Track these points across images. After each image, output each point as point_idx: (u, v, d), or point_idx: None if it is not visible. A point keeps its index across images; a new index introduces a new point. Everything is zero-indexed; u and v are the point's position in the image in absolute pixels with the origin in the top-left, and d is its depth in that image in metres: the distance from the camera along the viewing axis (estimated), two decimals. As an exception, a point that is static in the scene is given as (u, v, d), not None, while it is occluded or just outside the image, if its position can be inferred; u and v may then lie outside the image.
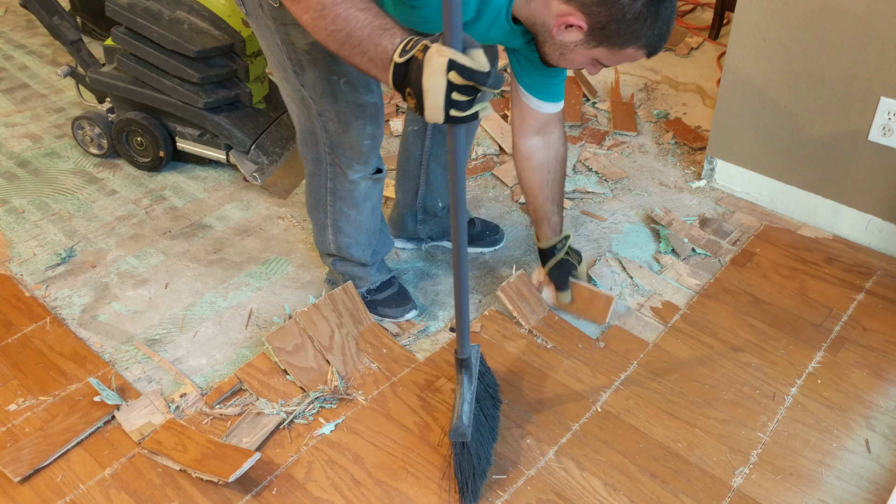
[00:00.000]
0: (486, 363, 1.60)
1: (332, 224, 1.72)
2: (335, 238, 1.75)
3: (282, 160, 2.35)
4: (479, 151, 2.44)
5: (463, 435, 1.37)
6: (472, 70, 1.03)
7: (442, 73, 1.04)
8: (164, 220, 2.17)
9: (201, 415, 1.60)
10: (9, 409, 1.61)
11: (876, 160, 1.95)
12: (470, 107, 1.07)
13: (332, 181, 1.64)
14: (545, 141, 1.67)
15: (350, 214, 1.69)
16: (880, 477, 1.48)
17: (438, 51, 1.05)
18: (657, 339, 1.78)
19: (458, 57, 1.03)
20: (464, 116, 1.08)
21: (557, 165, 1.70)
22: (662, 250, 2.04)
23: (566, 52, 1.35)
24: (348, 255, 1.77)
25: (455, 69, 1.03)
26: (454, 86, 1.05)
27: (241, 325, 1.83)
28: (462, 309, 1.36)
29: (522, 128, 1.65)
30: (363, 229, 1.73)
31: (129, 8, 2.16)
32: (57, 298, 1.90)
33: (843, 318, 1.83)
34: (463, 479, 1.41)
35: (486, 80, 1.04)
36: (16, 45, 3.15)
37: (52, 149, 2.48)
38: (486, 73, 1.04)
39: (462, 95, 1.05)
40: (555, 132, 1.67)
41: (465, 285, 1.33)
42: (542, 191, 1.71)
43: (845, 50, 1.88)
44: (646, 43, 1.30)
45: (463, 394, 1.43)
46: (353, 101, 1.49)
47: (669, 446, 1.54)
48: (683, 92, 2.82)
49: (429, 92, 1.06)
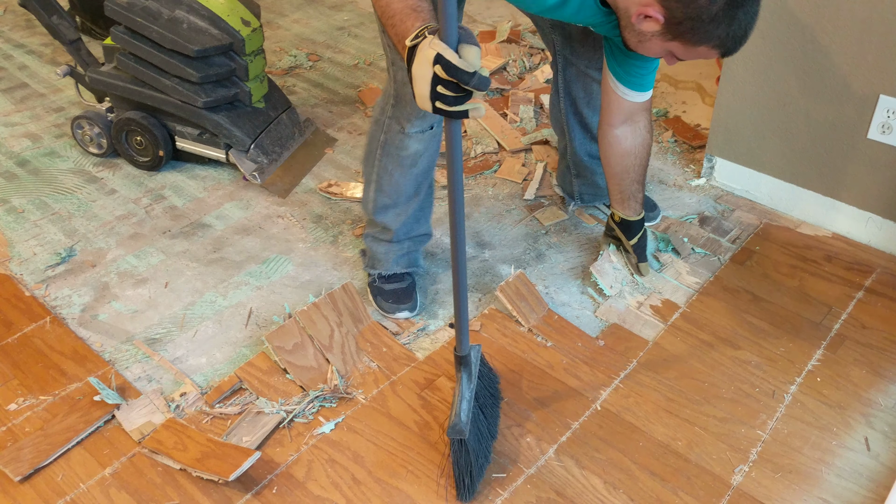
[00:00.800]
0: (488, 362, 1.61)
1: (375, 180, 1.77)
2: (375, 196, 1.79)
3: (281, 159, 2.35)
4: (479, 150, 2.44)
5: (460, 432, 1.37)
6: (456, 67, 1.05)
7: (428, 64, 1.07)
8: (163, 220, 2.17)
9: (201, 414, 1.60)
10: (9, 408, 1.61)
11: (875, 158, 1.95)
12: (457, 103, 1.09)
13: (386, 134, 1.69)
14: (632, 129, 1.74)
15: (394, 174, 1.73)
16: (880, 474, 1.49)
17: (431, 43, 1.07)
18: (657, 338, 1.78)
19: (445, 52, 1.05)
20: (450, 111, 1.09)
21: (643, 151, 1.78)
22: (662, 249, 2.04)
23: (643, 40, 1.42)
24: (382, 220, 1.81)
25: (440, 63, 1.05)
26: (440, 79, 1.07)
27: (241, 324, 1.83)
28: (461, 306, 1.37)
29: (610, 116, 1.72)
30: (402, 193, 1.76)
31: (129, 7, 2.16)
32: (57, 298, 1.90)
33: (842, 316, 1.83)
34: (460, 475, 1.41)
35: (470, 79, 1.05)
36: (15, 45, 3.15)
37: (51, 148, 2.48)
38: (469, 73, 1.05)
39: (447, 90, 1.07)
40: (642, 121, 1.74)
41: (463, 282, 1.34)
42: (627, 174, 1.80)
43: (844, 48, 1.88)
44: (720, 44, 1.36)
45: (462, 391, 1.43)
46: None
47: (669, 444, 1.54)
48: (683, 90, 2.81)
49: (416, 80, 1.10)
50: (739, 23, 1.33)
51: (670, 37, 1.37)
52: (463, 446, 1.38)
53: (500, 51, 2.98)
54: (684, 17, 1.32)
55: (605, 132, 1.75)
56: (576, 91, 1.94)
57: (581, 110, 1.96)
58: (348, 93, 2.83)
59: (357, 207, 2.22)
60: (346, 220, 2.17)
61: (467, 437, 1.38)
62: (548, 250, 2.05)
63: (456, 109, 1.09)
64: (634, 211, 1.87)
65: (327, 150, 2.49)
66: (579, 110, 1.97)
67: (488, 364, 1.61)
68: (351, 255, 2.04)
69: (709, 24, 1.32)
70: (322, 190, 2.28)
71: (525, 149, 2.45)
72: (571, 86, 1.94)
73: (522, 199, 2.25)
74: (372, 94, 2.79)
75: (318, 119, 2.65)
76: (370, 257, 1.89)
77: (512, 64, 2.93)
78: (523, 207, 2.22)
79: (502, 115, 2.63)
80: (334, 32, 3.32)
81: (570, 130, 2.02)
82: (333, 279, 1.96)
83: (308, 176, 2.36)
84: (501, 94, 2.77)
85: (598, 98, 1.89)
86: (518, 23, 3.28)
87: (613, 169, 1.80)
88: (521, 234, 2.12)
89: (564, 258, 2.03)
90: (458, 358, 1.43)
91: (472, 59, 1.06)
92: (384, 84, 1.70)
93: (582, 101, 1.95)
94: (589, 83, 1.91)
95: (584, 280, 1.95)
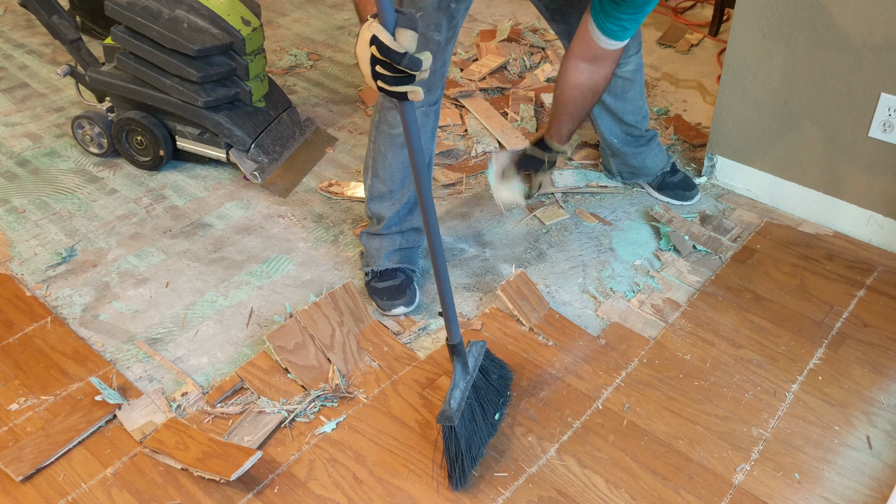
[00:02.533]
0: (498, 359, 1.63)
1: (371, 166, 1.81)
2: (371, 184, 1.83)
3: (282, 159, 2.35)
4: (479, 149, 2.44)
5: (450, 419, 1.39)
6: (388, 48, 1.13)
7: (365, 45, 1.16)
8: (164, 219, 2.17)
9: (203, 413, 1.60)
10: (10, 408, 1.61)
11: (876, 156, 1.95)
12: (395, 83, 1.17)
13: (381, 112, 1.73)
14: (592, 69, 1.73)
15: (386, 155, 1.76)
16: (882, 473, 1.49)
17: (369, 25, 1.15)
18: (658, 337, 1.78)
19: (380, 33, 1.14)
20: (390, 91, 1.18)
21: (590, 94, 1.78)
22: (663, 248, 2.04)
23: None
24: (377, 210, 1.84)
25: (375, 44, 1.14)
26: (377, 59, 1.16)
27: (242, 323, 1.83)
28: (445, 293, 1.39)
29: (578, 48, 1.73)
30: (396, 179, 1.79)
31: (129, 7, 2.16)
32: (58, 298, 1.90)
33: (844, 315, 1.83)
34: (450, 463, 1.43)
35: (400, 59, 1.14)
36: (15, 45, 3.15)
37: (52, 148, 2.48)
38: (399, 54, 1.14)
39: (384, 70, 1.16)
40: (605, 68, 1.73)
41: (443, 268, 1.39)
42: (565, 107, 1.80)
43: (845, 46, 1.88)
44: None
45: (456, 380, 1.46)
46: (422, 34, 1.60)
47: (671, 443, 1.54)
48: (684, 89, 2.81)
49: (359, 60, 1.20)
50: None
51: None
52: (453, 433, 1.40)
53: (501, 49, 2.97)
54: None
55: (568, 59, 1.75)
56: None
57: (602, 98, 2.02)
58: (349, 92, 2.83)
59: (358, 207, 2.22)
60: (347, 220, 2.17)
61: (457, 425, 1.40)
62: (549, 249, 2.05)
63: (395, 90, 1.17)
64: (557, 139, 1.86)
65: (328, 150, 2.49)
66: (601, 98, 2.00)
67: (499, 360, 1.63)
68: (352, 254, 2.04)
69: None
70: (323, 189, 2.28)
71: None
72: None
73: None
74: (372, 93, 2.78)
75: (319, 118, 2.65)
76: (364, 256, 1.91)
77: (512, 63, 2.93)
78: (524, 206, 2.21)
79: (503, 113, 2.63)
80: (334, 31, 3.32)
81: (597, 117, 2.11)
82: (334, 278, 1.96)
83: (309, 175, 2.36)
84: (502, 93, 2.77)
85: (615, 85, 1.98)
86: (518, 21, 3.28)
87: (559, 95, 1.81)
88: (522, 233, 2.11)
89: (565, 257, 2.03)
90: (451, 347, 1.45)
91: (404, 42, 1.14)
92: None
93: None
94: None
95: (584, 279, 1.95)
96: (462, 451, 1.42)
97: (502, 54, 2.95)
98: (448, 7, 1.63)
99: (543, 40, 3.14)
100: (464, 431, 1.43)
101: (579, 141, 2.46)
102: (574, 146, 2.20)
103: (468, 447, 1.44)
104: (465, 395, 1.45)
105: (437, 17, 1.62)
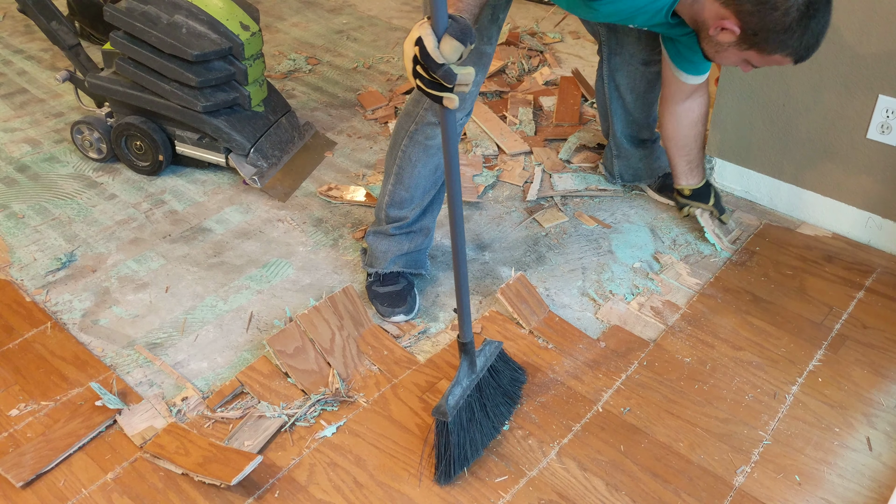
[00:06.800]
0: (514, 361, 1.64)
1: (395, 173, 1.79)
2: (393, 190, 1.81)
3: (281, 163, 2.36)
4: (478, 152, 2.44)
5: (444, 413, 1.39)
6: (427, 54, 1.14)
7: (411, 43, 1.17)
8: (163, 224, 2.17)
9: (203, 418, 1.60)
10: (10, 414, 1.61)
11: (875, 158, 1.95)
12: (431, 87, 1.17)
13: (417, 124, 1.72)
14: (698, 101, 1.90)
15: (417, 165, 1.76)
16: (882, 474, 1.49)
17: (420, 25, 1.16)
18: (658, 339, 1.78)
19: (425, 37, 1.14)
20: (426, 92, 1.18)
21: (705, 119, 1.95)
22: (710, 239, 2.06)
23: (720, 50, 1.54)
24: (394, 214, 1.83)
25: (419, 46, 1.15)
26: (418, 60, 1.16)
27: (242, 328, 1.83)
28: (462, 292, 1.40)
29: (673, 95, 1.88)
30: (420, 186, 1.79)
31: (128, 12, 2.16)
32: (58, 303, 1.90)
33: (843, 316, 1.84)
34: (438, 457, 1.44)
35: (437, 69, 1.14)
36: (14, 50, 3.15)
37: (51, 153, 2.48)
38: (437, 63, 1.14)
39: (423, 72, 1.16)
40: (703, 95, 1.91)
41: (463, 268, 1.38)
42: (696, 141, 1.97)
43: (843, 48, 1.88)
44: (793, 52, 1.46)
45: (459, 378, 1.46)
46: (476, 49, 1.63)
47: (671, 445, 1.54)
48: (682, 91, 2.81)
49: (403, 55, 1.21)
50: (812, 32, 1.42)
51: (746, 46, 1.48)
52: (445, 428, 1.41)
53: (499, 53, 2.98)
54: (760, 27, 1.42)
55: (671, 110, 1.89)
56: (619, 78, 2.05)
57: (624, 95, 2.07)
58: (348, 96, 2.83)
59: (357, 210, 2.22)
60: (347, 224, 2.17)
61: (451, 422, 1.40)
62: (548, 252, 2.06)
63: (430, 92, 1.18)
64: (700, 176, 2.02)
65: (327, 154, 2.49)
66: (622, 95, 2.08)
67: (514, 363, 1.64)
68: (351, 258, 2.04)
69: (783, 35, 1.41)
70: (322, 193, 2.28)
71: (526, 151, 2.45)
72: (616, 73, 2.05)
73: (522, 201, 2.25)
74: (371, 97, 2.79)
75: (318, 122, 2.65)
76: (370, 255, 1.90)
77: (511, 66, 2.94)
78: (523, 209, 2.22)
79: (501, 117, 2.64)
80: (333, 36, 3.32)
81: (613, 114, 2.13)
82: (334, 282, 1.96)
83: (308, 179, 2.36)
84: (500, 96, 2.77)
85: (640, 83, 2.04)
86: (517, 25, 3.29)
87: (683, 140, 1.94)
88: (522, 237, 2.12)
89: (565, 260, 2.03)
90: (461, 345, 1.45)
91: (447, 51, 1.14)
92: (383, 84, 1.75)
93: (625, 87, 2.06)
94: (633, 70, 2.02)
95: (584, 282, 1.95)
96: (452, 447, 1.42)
97: (501, 58, 2.96)
98: (497, 18, 1.66)
99: (542, 44, 3.15)
100: (457, 428, 1.43)
101: (577, 144, 2.47)
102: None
103: (460, 444, 1.44)
104: (466, 394, 1.45)
105: (490, 30, 1.65)
